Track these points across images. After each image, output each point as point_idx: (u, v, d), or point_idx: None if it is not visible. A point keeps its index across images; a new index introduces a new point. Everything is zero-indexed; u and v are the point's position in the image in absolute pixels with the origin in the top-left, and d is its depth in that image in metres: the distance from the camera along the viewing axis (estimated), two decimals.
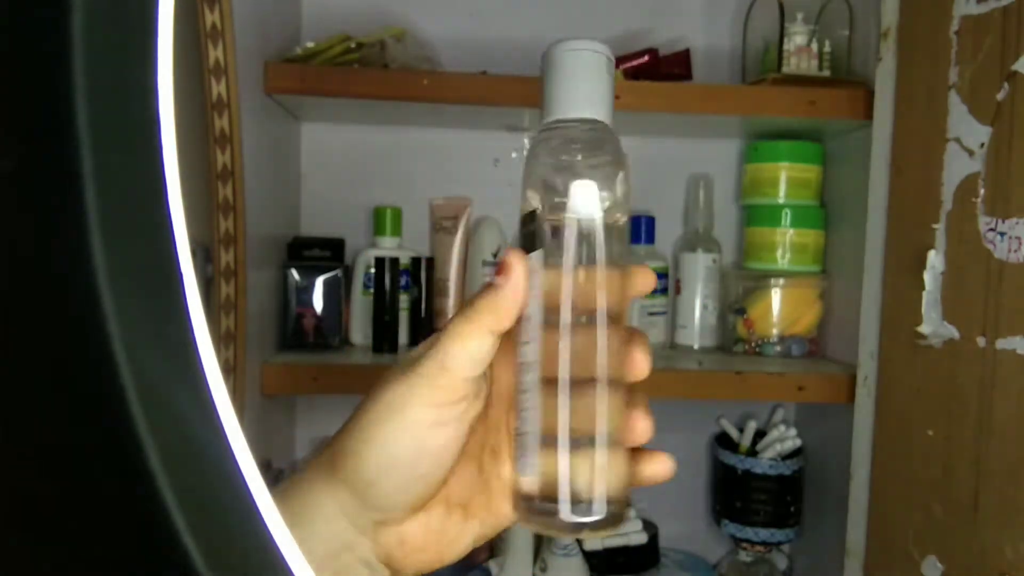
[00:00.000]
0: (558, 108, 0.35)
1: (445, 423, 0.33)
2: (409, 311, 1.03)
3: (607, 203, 0.34)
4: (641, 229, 1.09)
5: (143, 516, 0.17)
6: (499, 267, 0.34)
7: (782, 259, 1.04)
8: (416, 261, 1.03)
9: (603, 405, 0.34)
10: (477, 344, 0.33)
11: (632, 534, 1.08)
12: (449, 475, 0.35)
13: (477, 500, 0.36)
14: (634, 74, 1.01)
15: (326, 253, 1.02)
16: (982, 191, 0.72)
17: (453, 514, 0.36)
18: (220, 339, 0.77)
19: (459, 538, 0.36)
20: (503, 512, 0.37)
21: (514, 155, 1.13)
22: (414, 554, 0.35)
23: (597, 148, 0.35)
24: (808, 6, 1.00)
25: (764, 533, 1.06)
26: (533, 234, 0.34)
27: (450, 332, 0.34)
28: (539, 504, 0.33)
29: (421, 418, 0.33)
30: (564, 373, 0.33)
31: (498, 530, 0.37)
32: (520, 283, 0.34)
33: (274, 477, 0.89)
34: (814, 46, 0.98)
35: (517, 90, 0.92)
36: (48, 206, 0.17)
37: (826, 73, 0.98)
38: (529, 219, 0.35)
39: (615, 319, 0.34)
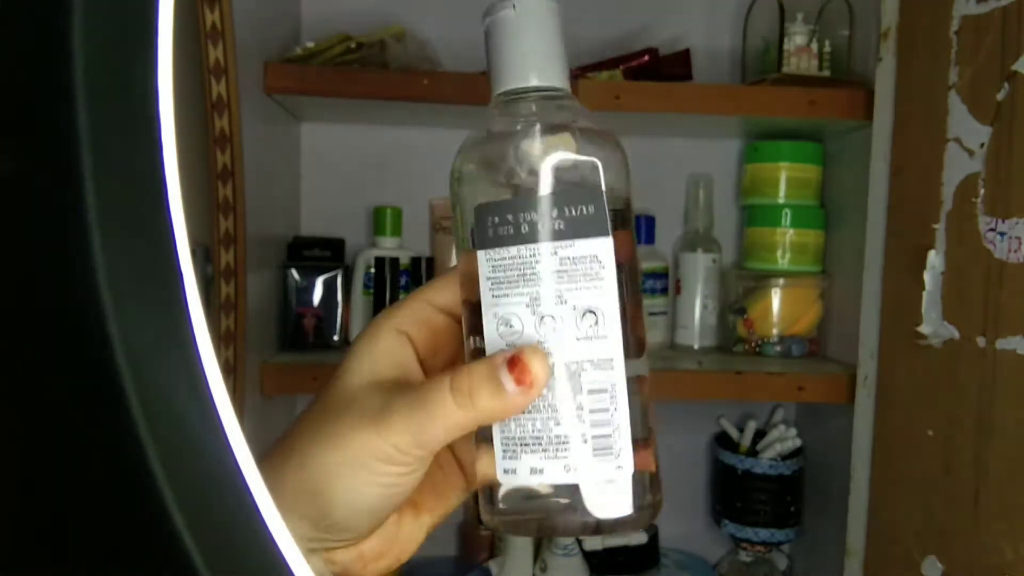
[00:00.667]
0: (507, 77, 0.33)
1: (412, 475, 0.32)
2: None
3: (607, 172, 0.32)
4: (641, 229, 1.09)
5: (143, 516, 0.17)
6: (515, 365, 0.30)
7: (782, 259, 1.04)
8: (416, 261, 1.03)
9: (646, 385, 0.33)
10: (461, 432, 0.31)
11: (632, 534, 1.09)
12: None
13: (425, 493, 0.35)
14: (634, 74, 1.01)
15: (326, 253, 1.02)
16: (982, 191, 0.72)
17: (405, 516, 0.35)
18: (220, 339, 0.77)
19: (413, 536, 0.36)
20: (451, 496, 0.36)
21: None
22: (373, 563, 0.35)
23: (561, 117, 0.33)
24: (808, 6, 1.00)
25: (764, 533, 1.06)
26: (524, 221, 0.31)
27: (431, 414, 0.30)
28: (554, 502, 0.31)
29: (388, 474, 0.31)
30: (629, 359, 0.31)
31: (447, 516, 0.37)
32: (537, 394, 0.30)
33: None
34: (814, 46, 0.98)
35: None
36: (48, 206, 0.17)
37: (826, 73, 0.98)
38: (518, 206, 0.31)
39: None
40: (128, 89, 0.17)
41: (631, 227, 0.33)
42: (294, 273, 0.99)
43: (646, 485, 0.32)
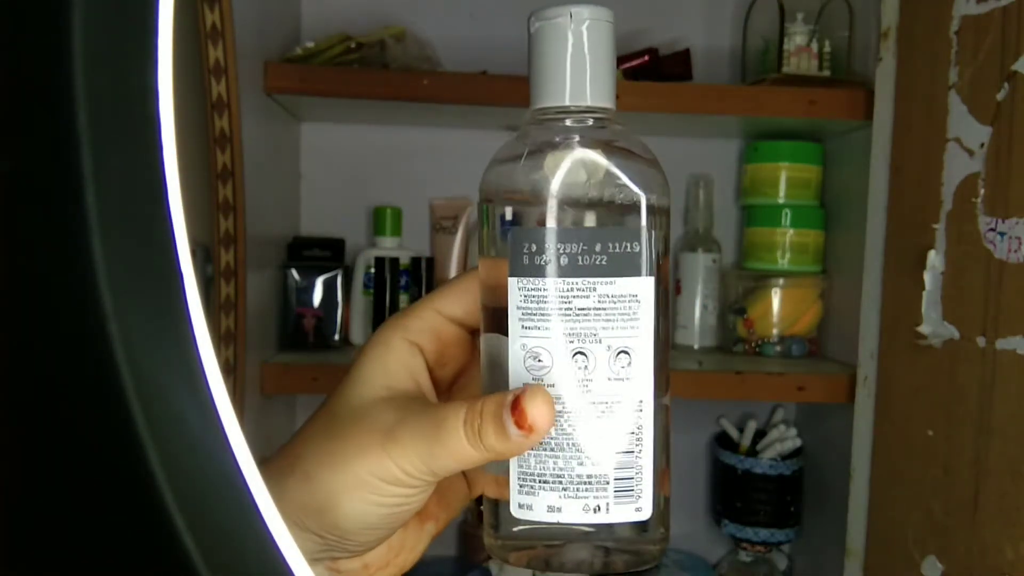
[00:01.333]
0: (552, 92, 0.31)
1: (419, 496, 0.31)
2: None
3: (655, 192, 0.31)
4: None
5: (143, 516, 0.17)
6: (515, 408, 0.29)
7: (782, 259, 1.04)
8: (416, 261, 1.03)
9: (668, 414, 0.33)
10: (475, 465, 0.30)
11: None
12: None
13: (430, 501, 0.35)
14: (634, 74, 1.01)
15: (326, 253, 1.02)
16: (982, 191, 0.72)
17: (409, 524, 0.35)
18: (220, 339, 0.77)
19: (418, 544, 0.36)
20: (455, 504, 0.36)
21: None
22: (378, 572, 0.35)
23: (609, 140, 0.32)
24: (808, 6, 1.00)
25: (764, 533, 1.06)
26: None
27: (444, 444, 0.29)
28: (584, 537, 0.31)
29: (395, 495, 0.31)
30: (660, 391, 0.31)
31: (450, 521, 0.37)
32: (540, 439, 0.29)
33: None
34: (814, 46, 0.98)
35: (517, 90, 0.92)
36: (48, 206, 0.17)
37: (826, 73, 0.98)
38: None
39: None
40: (128, 89, 0.17)
41: (668, 252, 0.32)
42: (294, 273, 0.99)
43: (661, 517, 0.32)
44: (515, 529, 0.32)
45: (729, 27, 1.13)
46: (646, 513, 0.31)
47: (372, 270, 1.02)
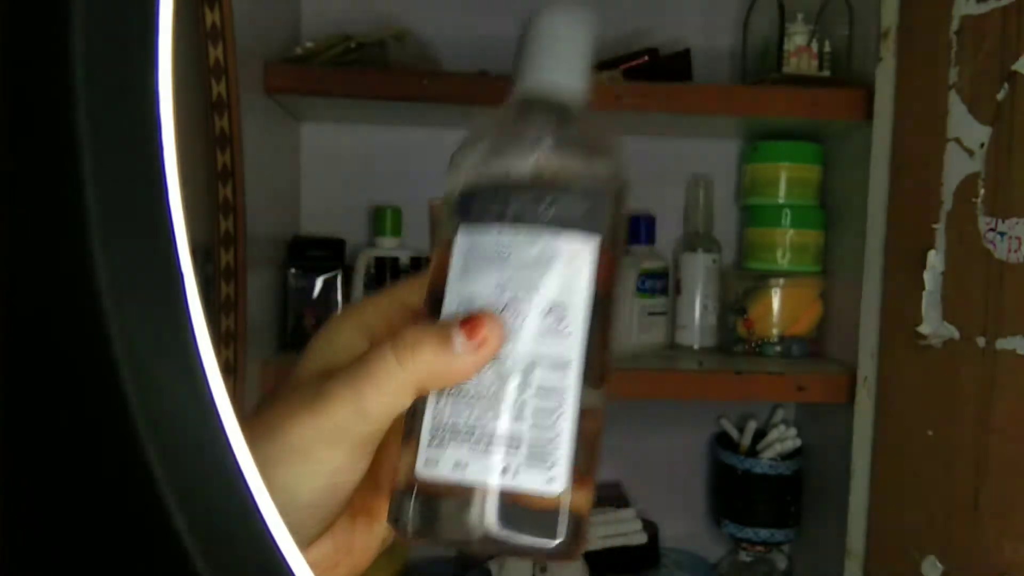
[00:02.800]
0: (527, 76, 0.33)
1: (357, 462, 0.30)
2: None
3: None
4: (641, 229, 1.09)
5: (143, 517, 0.17)
6: (468, 322, 0.29)
7: (782, 259, 1.04)
8: (416, 261, 1.03)
9: (597, 422, 0.32)
10: (402, 401, 0.29)
11: (632, 534, 1.08)
12: None
13: (379, 498, 0.33)
14: (634, 74, 1.01)
15: (326, 253, 1.02)
16: (982, 191, 0.72)
17: (358, 523, 0.33)
18: (220, 339, 0.77)
19: (369, 545, 0.34)
20: None
21: None
22: (328, 572, 0.33)
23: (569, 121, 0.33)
24: (808, 6, 1.00)
25: (764, 533, 1.06)
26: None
27: (371, 375, 0.28)
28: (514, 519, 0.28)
29: (330, 460, 0.29)
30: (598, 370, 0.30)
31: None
32: (488, 359, 0.29)
33: None
34: (814, 46, 0.98)
35: None
36: (48, 206, 0.17)
37: (826, 73, 0.98)
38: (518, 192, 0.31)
39: None
40: (128, 89, 0.17)
41: (620, 254, 0.32)
42: (294, 273, 0.99)
43: (568, 515, 0.29)
44: (412, 503, 0.30)
45: (729, 27, 1.13)
46: (559, 485, 0.28)
47: (372, 270, 1.02)
